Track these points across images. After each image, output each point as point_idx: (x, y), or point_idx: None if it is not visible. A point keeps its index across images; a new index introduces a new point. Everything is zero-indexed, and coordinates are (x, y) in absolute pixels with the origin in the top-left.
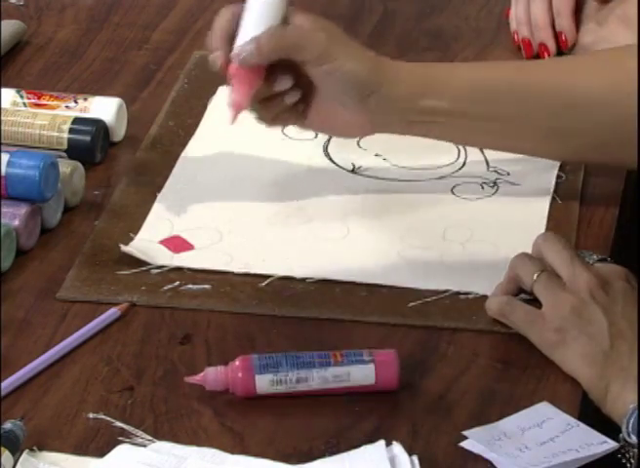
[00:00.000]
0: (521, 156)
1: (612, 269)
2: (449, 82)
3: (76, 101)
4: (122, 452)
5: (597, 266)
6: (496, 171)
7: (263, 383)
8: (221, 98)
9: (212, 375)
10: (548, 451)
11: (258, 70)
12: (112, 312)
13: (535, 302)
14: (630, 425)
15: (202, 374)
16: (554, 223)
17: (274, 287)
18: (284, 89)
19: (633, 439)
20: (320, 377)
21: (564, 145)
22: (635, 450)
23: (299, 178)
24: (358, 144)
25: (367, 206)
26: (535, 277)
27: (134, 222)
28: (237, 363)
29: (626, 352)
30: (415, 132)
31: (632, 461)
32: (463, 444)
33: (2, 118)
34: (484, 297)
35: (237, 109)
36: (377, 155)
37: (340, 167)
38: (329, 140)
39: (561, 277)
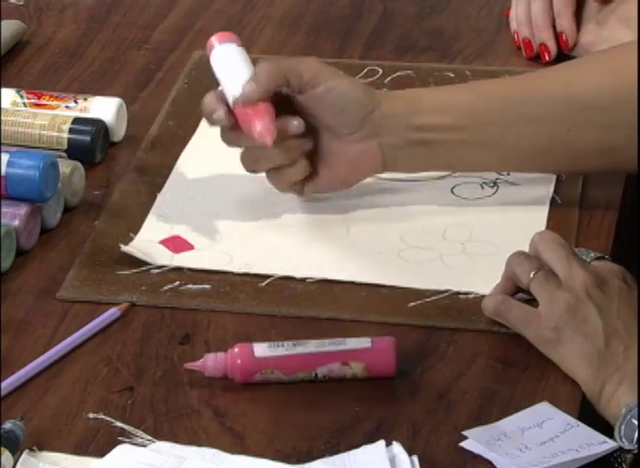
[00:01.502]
0: None
1: (608, 268)
2: (444, 99)
3: (76, 101)
4: (122, 452)
5: (594, 265)
6: (495, 170)
7: (261, 348)
8: None
9: (211, 361)
10: (548, 451)
11: (265, 106)
12: (112, 312)
13: (533, 302)
14: (622, 430)
15: (201, 360)
16: (554, 223)
17: (274, 287)
18: (300, 131)
19: (625, 444)
20: (316, 343)
21: (565, 156)
22: (628, 456)
23: None
24: None
25: (367, 206)
26: (531, 275)
27: (134, 222)
28: (236, 349)
29: (622, 352)
30: (419, 156)
31: (624, 466)
32: (463, 444)
33: (2, 118)
34: (484, 297)
35: (270, 134)
36: None
37: None
38: None
39: (557, 275)
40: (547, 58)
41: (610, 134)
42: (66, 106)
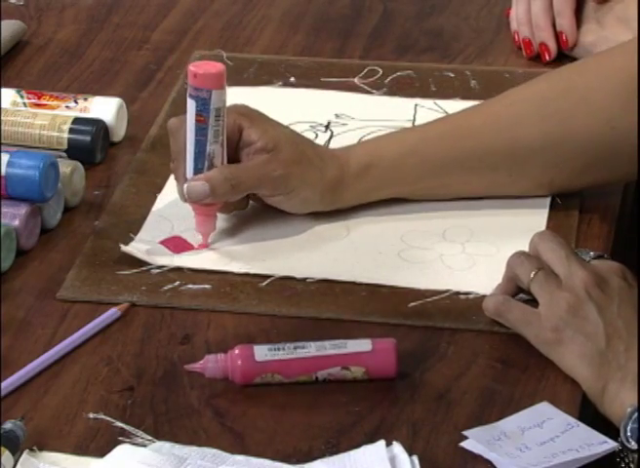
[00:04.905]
0: None
1: (608, 266)
2: (398, 168)
3: (76, 101)
4: (122, 452)
5: (594, 263)
6: None
7: (262, 351)
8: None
9: (212, 363)
10: (548, 451)
11: (213, 209)
12: (112, 312)
13: (534, 302)
14: (629, 430)
15: (202, 362)
16: (554, 223)
17: (274, 287)
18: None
19: (632, 444)
20: (317, 345)
21: (512, 187)
22: (635, 456)
23: None
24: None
25: (367, 206)
26: (532, 275)
27: (134, 222)
28: (237, 351)
29: (623, 351)
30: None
31: (632, 466)
32: (463, 444)
33: (2, 118)
34: (484, 297)
35: (206, 236)
36: None
37: None
38: (329, 140)
39: (557, 275)
40: (548, 57)
41: (550, 171)
42: (66, 106)
